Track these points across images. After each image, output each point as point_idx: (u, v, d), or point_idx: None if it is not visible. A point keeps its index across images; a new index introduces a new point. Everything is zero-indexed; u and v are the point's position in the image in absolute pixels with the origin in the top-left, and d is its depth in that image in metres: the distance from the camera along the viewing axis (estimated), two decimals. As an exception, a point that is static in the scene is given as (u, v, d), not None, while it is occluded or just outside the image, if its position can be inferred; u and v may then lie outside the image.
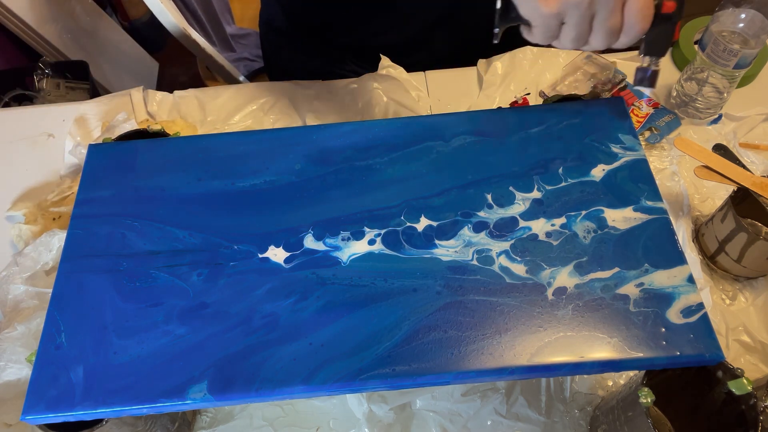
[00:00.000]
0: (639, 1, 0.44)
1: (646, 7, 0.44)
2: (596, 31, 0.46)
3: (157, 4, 0.89)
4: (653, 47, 0.49)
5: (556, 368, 0.42)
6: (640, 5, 0.44)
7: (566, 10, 0.44)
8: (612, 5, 0.44)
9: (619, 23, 0.45)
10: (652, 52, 0.49)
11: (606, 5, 0.44)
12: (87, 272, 0.47)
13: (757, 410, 0.46)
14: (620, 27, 0.45)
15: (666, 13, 0.46)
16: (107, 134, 0.76)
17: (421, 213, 0.49)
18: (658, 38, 0.48)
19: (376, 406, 0.58)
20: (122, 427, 0.49)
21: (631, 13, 0.44)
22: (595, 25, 0.45)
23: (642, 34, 0.46)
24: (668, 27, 0.47)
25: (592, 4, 0.44)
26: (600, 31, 0.45)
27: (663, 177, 0.72)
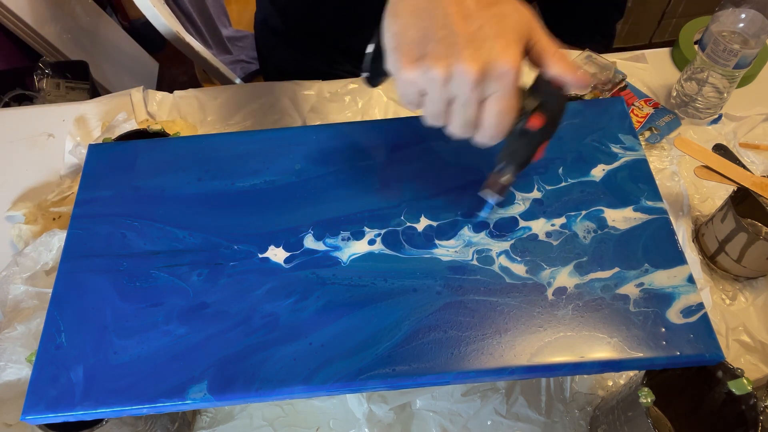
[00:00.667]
0: (499, 102, 0.38)
1: (505, 112, 0.38)
2: (452, 117, 0.40)
3: (150, 8, 0.89)
4: (511, 156, 0.43)
5: (556, 368, 0.42)
6: (499, 107, 0.38)
7: (423, 82, 0.38)
8: (467, 94, 0.37)
9: (474, 117, 0.39)
10: (508, 159, 0.43)
11: (461, 91, 0.38)
12: (87, 272, 0.47)
13: (757, 410, 0.46)
14: (476, 122, 0.40)
15: (530, 128, 0.41)
16: (107, 134, 0.76)
17: (421, 213, 0.49)
18: (518, 150, 0.43)
19: (376, 406, 0.58)
20: (122, 427, 0.49)
21: (488, 111, 0.39)
22: (452, 109, 0.39)
23: (499, 138, 0.40)
24: (530, 143, 0.42)
25: (448, 86, 0.38)
26: (456, 118, 0.40)
27: (663, 177, 0.72)
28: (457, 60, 0.36)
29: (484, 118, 0.39)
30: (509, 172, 0.44)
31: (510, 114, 0.39)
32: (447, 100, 0.39)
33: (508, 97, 0.38)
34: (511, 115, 0.39)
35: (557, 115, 0.42)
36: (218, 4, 1.69)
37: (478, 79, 0.37)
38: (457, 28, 0.36)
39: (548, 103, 0.41)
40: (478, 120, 0.39)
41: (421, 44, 0.37)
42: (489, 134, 0.40)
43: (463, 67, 0.36)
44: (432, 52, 0.37)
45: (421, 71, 0.37)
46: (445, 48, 0.37)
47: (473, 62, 0.36)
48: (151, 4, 0.88)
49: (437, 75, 0.37)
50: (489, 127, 0.39)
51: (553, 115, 0.41)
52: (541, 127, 0.41)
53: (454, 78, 0.37)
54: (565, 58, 0.40)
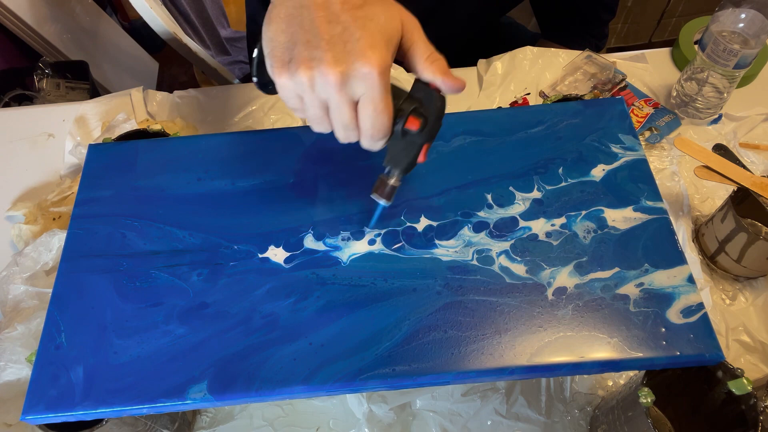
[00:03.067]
0: (369, 104, 0.38)
1: (377, 114, 0.38)
2: (333, 121, 0.40)
3: (147, 9, 0.89)
4: (394, 160, 0.43)
5: (556, 368, 0.42)
6: (370, 109, 0.38)
7: (295, 86, 0.38)
8: (335, 97, 0.38)
9: (351, 120, 0.39)
10: (392, 163, 0.43)
11: (329, 96, 0.38)
12: (87, 272, 0.47)
13: (757, 410, 0.46)
14: (354, 125, 0.40)
15: (409, 129, 0.41)
16: (107, 134, 0.76)
17: (421, 213, 0.49)
18: (401, 153, 0.42)
19: (376, 406, 0.58)
20: (122, 427, 0.49)
21: (361, 114, 0.39)
22: (330, 114, 0.39)
23: (378, 141, 0.40)
24: (409, 144, 0.42)
25: (315, 89, 0.38)
26: (335, 122, 0.40)
27: (663, 177, 0.72)
28: (318, 63, 0.37)
29: (359, 120, 0.39)
30: (395, 175, 0.44)
31: (383, 115, 0.39)
32: (320, 103, 0.39)
33: (377, 98, 0.38)
34: (384, 116, 0.39)
35: (435, 118, 0.41)
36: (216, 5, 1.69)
37: (340, 82, 0.37)
38: (321, 32, 0.37)
39: (425, 105, 0.41)
40: (356, 123, 0.40)
41: (289, 48, 0.38)
42: (368, 136, 0.40)
43: (323, 70, 0.37)
44: (297, 56, 0.37)
45: (288, 75, 0.38)
46: (308, 51, 0.37)
47: (334, 65, 0.36)
48: (149, 6, 0.88)
49: (303, 79, 0.37)
50: (366, 130, 0.39)
51: (431, 117, 0.41)
52: (419, 129, 0.41)
53: (317, 81, 0.37)
54: (438, 62, 0.41)
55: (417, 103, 0.41)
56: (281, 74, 0.38)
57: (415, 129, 0.41)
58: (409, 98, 0.41)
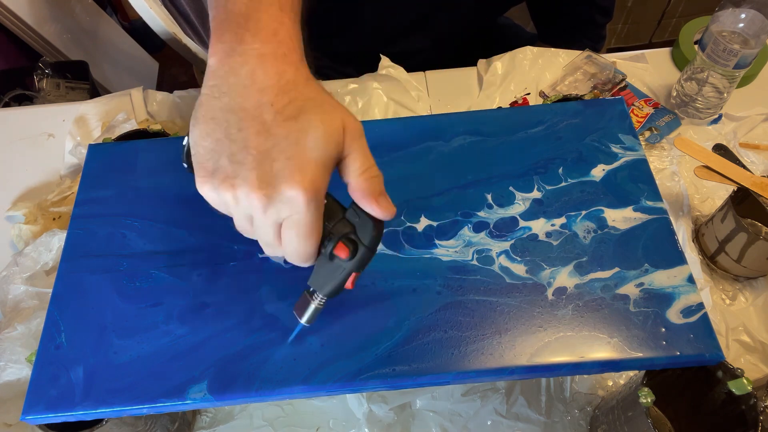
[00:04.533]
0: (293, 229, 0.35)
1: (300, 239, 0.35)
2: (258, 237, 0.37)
3: (147, 10, 0.89)
4: (320, 282, 0.39)
5: (556, 368, 0.42)
6: (292, 234, 0.35)
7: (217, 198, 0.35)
8: (259, 217, 0.35)
9: (275, 241, 0.36)
10: (316, 285, 0.40)
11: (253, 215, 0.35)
12: (87, 272, 0.47)
13: (757, 410, 0.46)
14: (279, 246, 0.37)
15: (337, 255, 0.38)
16: (107, 134, 0.76)
17: (421, 213, 0.49)
18: (328, 277, 0.39)
19: (376, 406, 0.58)
20: (122, 427, 0.49)
21: (285, 236, 0.36)
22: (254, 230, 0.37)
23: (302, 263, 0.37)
24: (335, 271, 0.38)
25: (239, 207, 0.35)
26: (259, 239, 0.37)
27: (663, 177, 0.72)
28: (242, 182, 0.33)
29: (283, 241, 0.36)
30: (318, 297, 0.40)
31: (308, 240, 0.36)
32: (246, 217, 0.36)
33: (301, 224, 0.35)
34: (309, 241, 0.36)
35: (367, 248, 0.38)
36: (217, 5, 1.69)
37: (264, 205, 0.34)
38: (249, 144, 0.33)
39: (360, 232, 0.38)
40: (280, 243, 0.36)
41: (213, 158, 0.34)
42: (293, 258, 0.37)
43: (246, 191, 0.33)
44: (221, 169, 0.34)
45: (211, 186, 0.35)
46: (233, 167, 0.34)
47: (258, 188, 0.33)
48: (148, 6, 0.88)
49: (226, 197, 0.34)
50: (290, 252, 0.36)
51: (362, 246, 0.38)
52: (347, 258, 0.38)
53: (241, 201, 0.34)
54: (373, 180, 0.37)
55: (350, 228, 0.38)
56: (204, 183, 0.35)
57: (343, 257, 0.38)
58: (343, 220, 0.38)
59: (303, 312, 0.41)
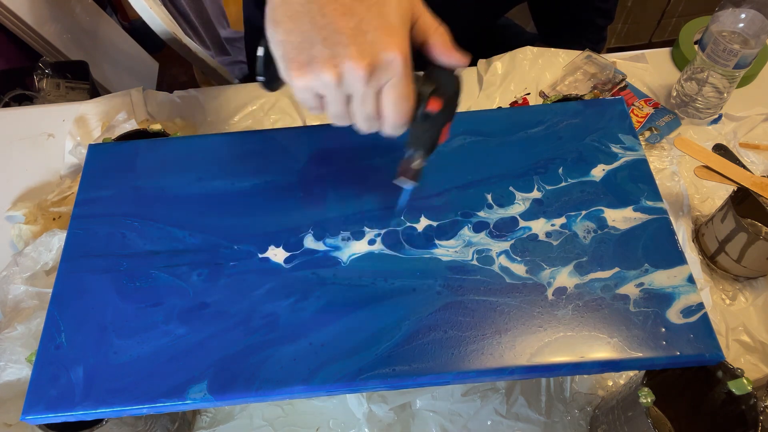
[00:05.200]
0: (393, 91, 0.38)
1: (401, 100, 0.38)
2: (355, 114, 0.40)
3: (147, 9, 0.89)
4: (417, 142, 0.43)
5: (556, 368, 0.42)
6: (394, 96, 0.38)
7: (317, 86, 0.38)
8: (362, 89, 0.37)
9: (374, 111, 0.39)
10: (415, 146, 0.43)
11: (355, 89, 0.37)
12: (87, 272, 0.47)
13: (757, 410, 0.46)
14: (377, 115, 0.40)
15: (430, 111, 0.41)
16: (107, 134, 0.76)
17: (421, 213, 0.49)
18: (423, 135, 0.43)
19: (376, 406, 0.58)
20: (122, 427, 0.49)
21: (385, 102, 0.38)
22: (352, 107, 0.39)
23: (402, 126, 0.40)
24: (431, 126, 0.42)
25: (342, 86, 0.37)
26: (357, 115, 0.40)
27: (663, 177, 0.72)
28: (343, 59, 0.36)
29: (383, 109, 0.39)
30: (419, 157, 0.44)
31: (407, 101, 0.39)
32: (344, 98, 0.39)
33: (401, 84, 0.38)
34: (408, 101, 0.39)
35: (454, 96, 0.42)
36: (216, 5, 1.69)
37: (368, 74, 0.36)
38: (337, 26, 0.36)
39: (444, 86, 0.41)
40: (379, 112, 0.39)
41: (306, 49, 0.36)
42: (392, 124, 0.40)
43: (351, 65, 0.36)
44: (318, 56, 0.36)
45: (312, 76, 0.37)
46: (329, 50, 0.36)
47: (360, 58, 0.36)
48: (148, 6, 0.88)
49: (328, 78, 0.36)
50: (390, 117, 0.39)
51: (450, 96, 0.42)
52: (440, 110, 0.41)
53: (345, 77, 0.37)
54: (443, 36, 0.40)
55: (435, 85, 0.41)
56: (301, 76, 0.37)
57: (437, 110, 0.41)
58: (426, 80, 0.41)
59: (409, 175, 0.44)
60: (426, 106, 0.41)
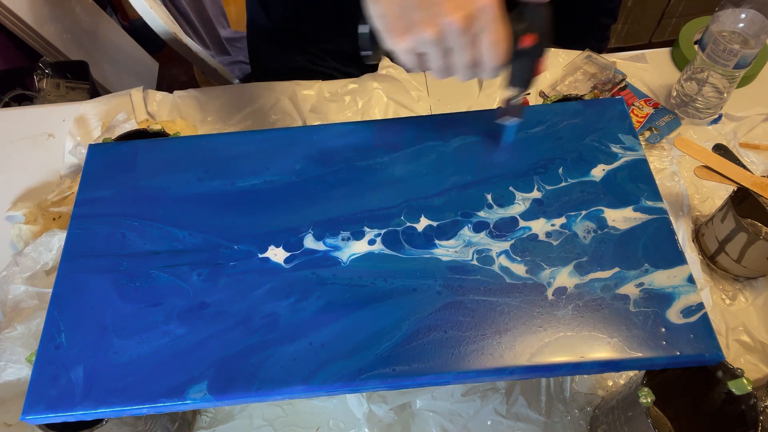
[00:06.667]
0: (489, 35, 0.41)
1: (497, 42, 0.42)
2: (456, 65, 0.44)
3: (147, 9, 0.89)
4: (515, 79, 0.47)
5: (556, 368, 0.42)
6: (491, 40, 0.42)
7: (419, 46, 0.42)
8: (460, 41, 0.41)
9: (474, 58, 0.43)
10: (515, 83, 0.47)
11: (455, 41, 0.41)
12: (87, 272, 0.47)
13: (757, 410, 0.46)
14: (476, 62, 0.43)
15: (525, 47, 0.44)
16: (107, 134, 0.76)
17: (421, 213, 0.49)
18: (520, 71, 0.46)
19: (376, 406, 0.58)
20: (122, 427, 0.49)
21: (483, 48, 0.42)
22: (453, 59, 0.43)
23: (500, 68, 0.44)
24: (528, 61, 0.45)
25: (442, 41, 0.41)
26: (459, 65, 0.44)
27: (663, 177, 0.72)
28: (441, 17, 0.40)
29: (482, 54, 0.42)
30: (520, 93, 0.48)
31: (503, 42, 0.42)
32: (445, 53, 0.42)
33: (496, 28, 0.41)
34: (505, 43, 0.42)
35: (545, 29, 0.44)
36: (216, 5, 1.69)
37: (465, 25, 0.40)
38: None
39: (535, 21, 0.44)
40: (478, 58, 0.43)
41: (406, 17, 0.41)
42: (491, 67, 0.43)
43: (449, 20, 0.40)
44: (417, 19, 0.41)
45: (414, 39, 0.41)
46: (427, 11, 0.40)
47: (456, 12, 0.40)
48: (148, 6, 0.88)
49: (430, 36, 0.41)
50: (489, 61, 0.43)
51: (542, 29, 0.44)
52: (534, 45, 0.44)
53: (445, 32, 0.41)
54: None
55: (526, 22, 0.44)
56: (404, 42, 0.42)
57: (531, 44, 0.44)
58: (517, 19, 0.43)
59: (513, 112, 0.49)
60: (520, 43, 0.44)
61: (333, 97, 0.80)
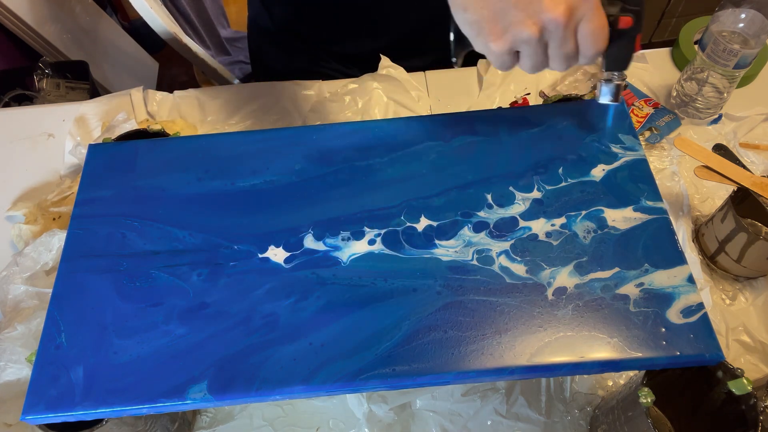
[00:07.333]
0: (590, 24, 0.42)
1: (598, 29, 0.42)
2: (553, 59, 0.44)
3: (147, 9, 0.89)
4: (614, 62, 0.48)
5: (556, 368, 0.42)
6: (591, 28, 0.42)
7: (517, 45, 0.43)
8: (561, 34, 0.42)
9: (574, 48, 0.43)
10: (613, 66, 0.48)
11: (556, 35, 0.42)
12: (87, 272, 0.47)
13: (757, 410, 0.46)
14: (576, 51, 0.44)
15: (623, 28, 0.45)
16: (107, 134, 0.76)
17: (421, 213, 0.49)
18: (619, 53, 0.47)
19: (376, 406, 0.58)
20: (122, 427, 0.49)
21: (583, 37, 0.43)
22: (550, 53, 0.44)
23: (599, 54, 0.44)
24: (626, 42, 0.46)
25: (542, 38, 0.42)
26: (556, 58, 0.44)
27: (663, 177, 0.72)
28: (541, 14, 0.40)
29: (582, 43, 0.43)
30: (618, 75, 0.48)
31: (603, 28, 0.42)
32: (543, 48, 0.43)
33: (596, 15, 0.41)
34: (605, 28, 0.42)
35: (640, 8, 0.44)
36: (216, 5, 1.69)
37: (566, 18, 0.40)
38: None
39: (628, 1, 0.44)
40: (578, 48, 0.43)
41: (501, 19, 0.41)
42: (591, 54, 0.44)
43: (550, 15, 0.40)
44: (514, 20, 0.41)
45: (512, 40, 0.42)
46: (524, 10, 0.40)
47: (555, 6, 0.40)
48: (148, 6, 0.88)
49: (530, 35, 0.41)
50: (590, 49, 0.43)
51: (637, 9, 0.44)
52: (632, 25, 0.44)
53: (547, 28, 0.41)
54: None
55: (619, 3, 0.44)
56: (500, 44, 0.42)
57: (628, 26, 0.44)
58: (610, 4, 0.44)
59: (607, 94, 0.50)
60: (617, 25, 0.44)
61: (333, 97, 0.80)
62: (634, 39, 0.46)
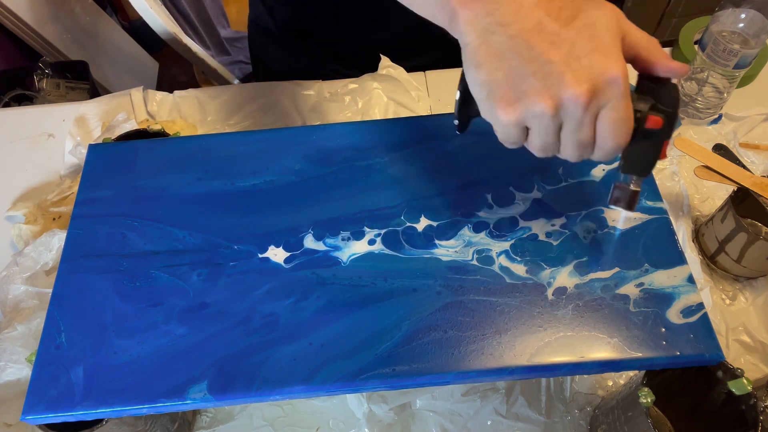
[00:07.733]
0: (613, 113, 0.36)
1: (621, 121, 0.36)
2: (565, 144, 0.38)
3: (147, 9, 0.89)
4: (633, 165, 0.41)
5: (556, 368, 0.42)
6: (614, 118, 0.36)
7: (527, 119, 0.36)
8: (580, 116, 0.35)
9: (591, 137, 0.37)
10: (631, 169, 0.41)
11: (573, 116, 0.36)
12: (87, 272, 0.47)
13: (757, 410, 0.46)
14: (592, 141, 0.37)
15: (650, 129, 0.38)
16: (107, 134, 0.76)
17: (421, 213, 0.49)
18: (640, 156, 0.40)
19: (376, 406, 0.58)
20: (122, 427, 0.49)
21: (603, 126, 0.36)
22: (563, 136, 0.37)
23: (619, 151, 0.38)
24: (652, 145, 0.39)
25: (557, 116, 0.36)
26: (568, 144, 0.38)
27: (663, 177, 0.73)
28: (560, 88, 0.35)
29: (600, 133, 0.37)
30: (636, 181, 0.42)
31: (627, 122, 0.36)
32: (556, 129, 0.37)
33: (622, 105, 0.35)
34: (629, 122, 0.36)
35: (673, 110, 0.38)
36: (216, 5, 1.69)
37: (588, 100, 0.35)
38: (548, 57, 0.34)
39: (662, 100, 0.38)
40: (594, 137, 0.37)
41: (515, 85, 0.35)
42: (609, 148, 0.37)
43: (571, 93, 0.34)
44: (530, 90, 0.35)
45: (523, 111, 0.36)
46: (543, 81, 0.35)
47: (578, 85, 0.34)
48: (148, 6, 0.88)
49: (544, 109, 0.35)
50: (608, 141, 0.37)
51: (670, 110, 0.38)
52: (661, 127, 0.38)
53: (564, 106, 0.35)
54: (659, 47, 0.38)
55: (650, 102, 0.38)
56: (509, 113, 0.36)
57: (657, 128, 0.38)
58: (641, 96, 0.38)
59: (626, 203, 0.42)
60: (644, 124, 0.38)
61: (333, 97, 0.80)
62: (661, 144, 0.39)
